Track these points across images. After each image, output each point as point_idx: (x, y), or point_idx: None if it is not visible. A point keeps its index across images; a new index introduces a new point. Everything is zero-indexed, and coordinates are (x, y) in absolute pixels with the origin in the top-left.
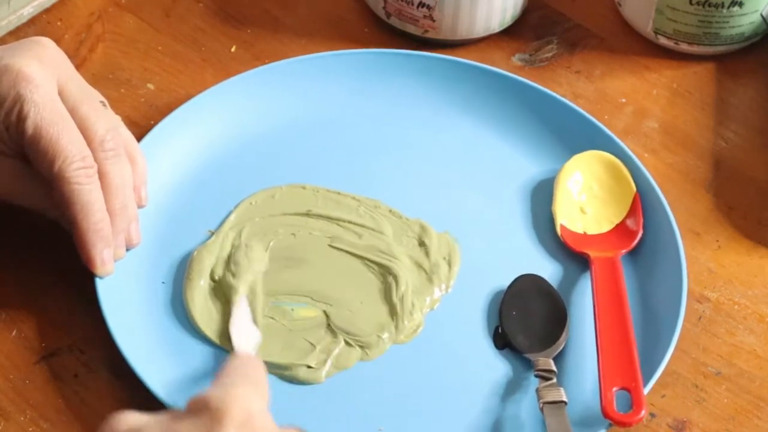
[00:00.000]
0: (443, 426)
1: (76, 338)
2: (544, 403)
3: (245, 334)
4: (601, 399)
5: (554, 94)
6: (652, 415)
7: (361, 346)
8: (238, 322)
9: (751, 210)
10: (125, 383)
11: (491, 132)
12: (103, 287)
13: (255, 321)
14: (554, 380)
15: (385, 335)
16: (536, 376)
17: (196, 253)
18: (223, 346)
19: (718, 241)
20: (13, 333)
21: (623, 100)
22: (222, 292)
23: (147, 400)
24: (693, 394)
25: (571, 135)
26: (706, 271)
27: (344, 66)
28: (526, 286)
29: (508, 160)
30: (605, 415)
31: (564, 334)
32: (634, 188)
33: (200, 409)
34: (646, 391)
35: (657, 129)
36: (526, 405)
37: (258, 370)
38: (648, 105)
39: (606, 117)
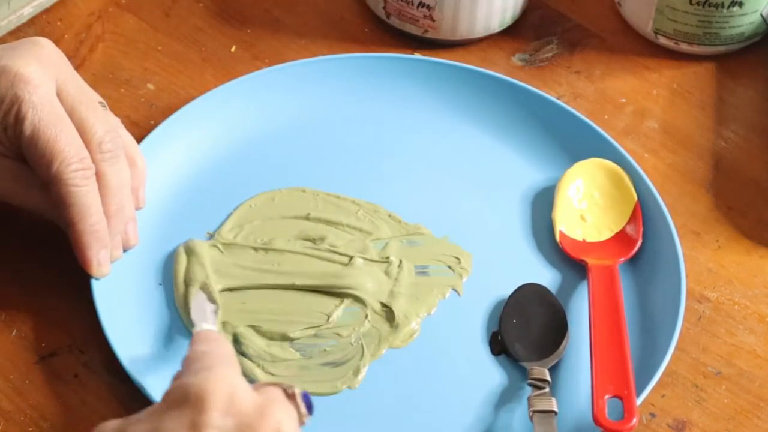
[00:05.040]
0: None
1: (76, 338)
2: (534, 411)
3: (204, 311)
4: (593, 406)
5: (556, 100)
6: (652, 415)
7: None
8: (196, 302)
9: (751, 210)
10: (125, 383)
11: (493, 137)
12: (99, 288)
13: (213, 299)
14: (547, 390)
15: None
16: (529, 384)
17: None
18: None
19: (718, 241)
20: (13, 333)
21: (623, 100)
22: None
23: (147, 401)
24: (693, 394)
25: (573, 141)
26: (706, 271)
27: (345, 70)
28: (529, 295)
29: (509, 166)
30: (596, 422)
31: (562, 346)
32: (635, 196)
33: (180, 399)
34: (645, 393)
35: (657, 129)
36: (518, 414)
37: (224, 345)
38: (648, 105)
39: (606, 117)
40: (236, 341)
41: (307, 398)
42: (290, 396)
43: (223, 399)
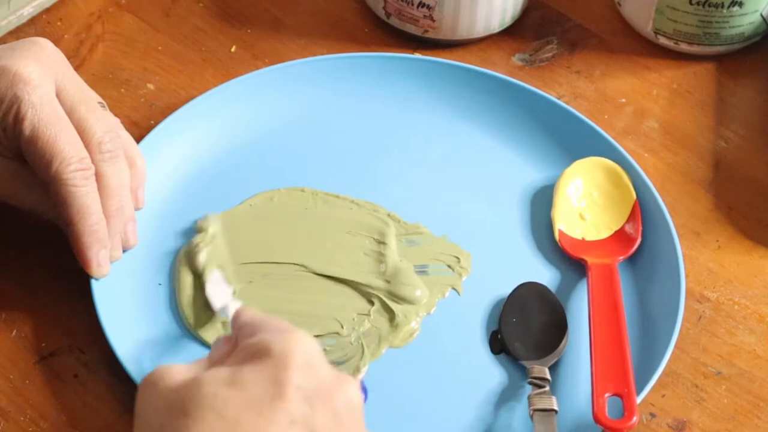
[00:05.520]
0: None
1: (76, 338)
2: (534, 410)
3: (222, 292)
4: (593, 404)
5: (556, 100)
6: (652, 415)
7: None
8: (214, 282)
9: (751, 210)
10: (125, 384)
11: (492, 136)
12: (99, 289)
13: (229, 281)
14: (547, 388)
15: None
16: (529, 383)
17: (182, 254)
18: None
19: (718, 241)
20: (13, 333)
21: (623, 100)
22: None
23: None
24: (693, 394)
25: (572, 140)
26: (706, 271)
27: (345, 69)
28: (529, 294)
29: (508, 165)
30: (596, 420)
31: (562, 345)
32: (634, 195)
33: (261, 354)
34: (644, 393)
35: (657, 129)
36: (519, 412)
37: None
38: (648, 105)
39: (606, 117)
40: None
41: (364, 386)
42: None
43: (305, 360)
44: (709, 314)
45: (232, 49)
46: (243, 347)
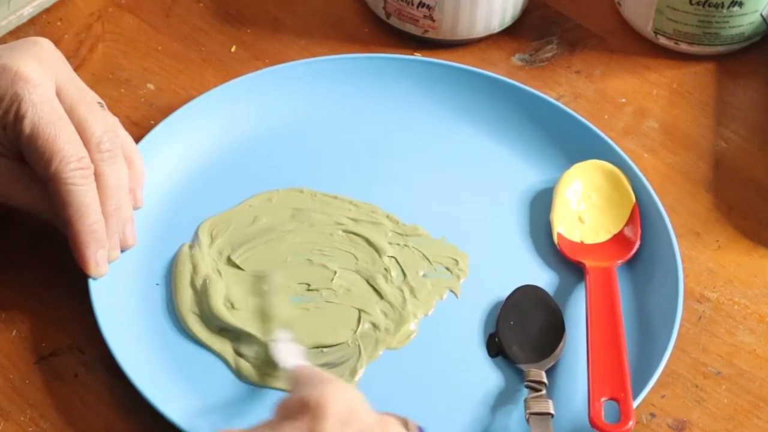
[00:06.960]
0: None
1: (76, 338)
2: (531, 414)
3: (290, 351)
4: (589, 408)
5: (555, 101)
6: (652, 415)
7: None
8: (281, 342)
9: (751, 210)
10: (125, 384)
11: (491, 138)
12: (96, 288)
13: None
14: (543, 392)
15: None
16: (526, 386)
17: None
18: (213, 349)
19: (718, 241)
20: (13, 333)
21: (623, 100)
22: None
23: (146, 401)
24: (693, 394)
25: (571, 143)
26: (706, 271)
27: (345, 70)
28: (527, 297)
29: (507, 167)
30: (592, 424)
31: (559, 349)
32: (634, 198)
33: (299, 409)
34: (643, 394)
35: (657, 129)
36: (515, 416)
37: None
38: (648, 105)
39: (606, 117)
40: (234, 340)
41: (421, 430)
42: (406, 426)
43: (343, 408)
44: (709, 314)
45: (232, 49)
46: (284, 405)
